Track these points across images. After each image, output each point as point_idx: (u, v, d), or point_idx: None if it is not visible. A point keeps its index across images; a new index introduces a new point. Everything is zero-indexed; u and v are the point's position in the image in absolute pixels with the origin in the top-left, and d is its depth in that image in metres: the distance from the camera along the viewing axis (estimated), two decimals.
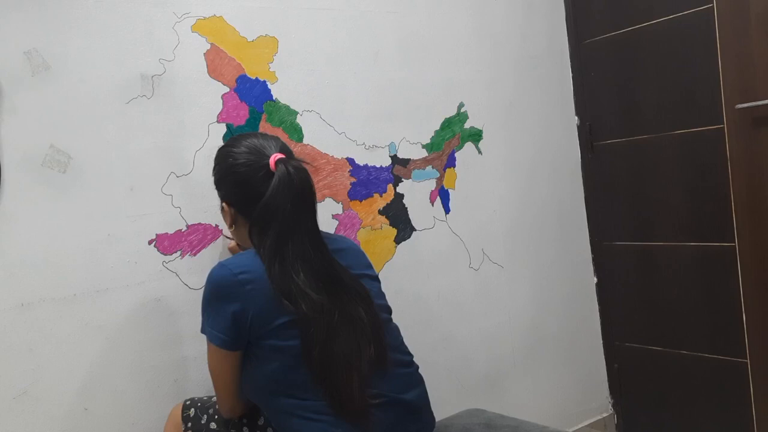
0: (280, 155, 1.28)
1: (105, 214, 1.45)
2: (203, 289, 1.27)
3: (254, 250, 1.26)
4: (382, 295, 1.41)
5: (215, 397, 1.42)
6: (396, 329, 1.38)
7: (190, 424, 1.38)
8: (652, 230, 2.21)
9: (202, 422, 1.38)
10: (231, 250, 1.58)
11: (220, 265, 1.26)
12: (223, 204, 1.37)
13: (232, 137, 1.41)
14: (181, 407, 1.42)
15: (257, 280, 1.21)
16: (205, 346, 1.28)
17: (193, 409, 1.40)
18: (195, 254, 1.56)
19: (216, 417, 1.38)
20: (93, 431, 1.43)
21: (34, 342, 1.37)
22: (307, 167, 1.30)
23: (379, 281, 1.43)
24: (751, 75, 1.87)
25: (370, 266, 1.45)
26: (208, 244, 1.58)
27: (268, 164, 1.27)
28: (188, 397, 1.47)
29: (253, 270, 1.22)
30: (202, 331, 1.27)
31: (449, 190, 2.02)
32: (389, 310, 1.40)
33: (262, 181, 1.26)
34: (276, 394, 1.24)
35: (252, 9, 1.66)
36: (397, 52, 1.91)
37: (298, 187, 1.25)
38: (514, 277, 2.16)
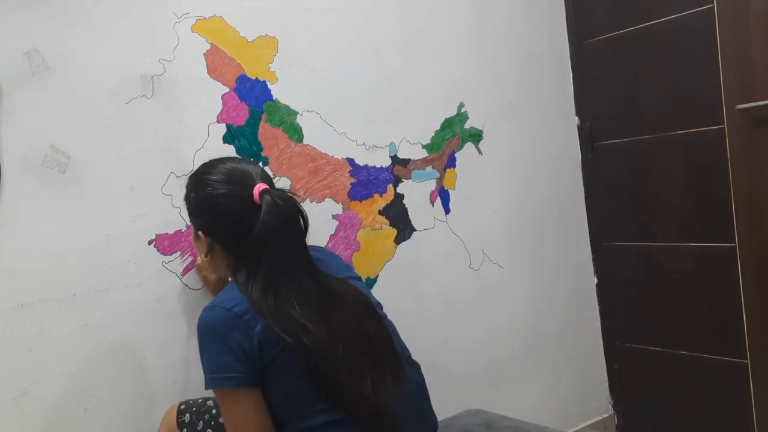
0: (263, 185, 1.22)
1: (105, 214, 1.45)
2: (198, 338, 1.18)
3: (236, 284, 1.20)
4: (369, 293, 1.37)
5: (211, 400, 1.40)
6: (392, 326, 1.35)
7: (185, 431, 1.36)
8: (653, 230, 2.21)
9: (198, 429, 1.35)
10: (198, 267, 1.53)
11: (210, 308, 1.19)
12: (199, 233, 1.28)
13: (205, 163, 1.32)
14: (175, 411, 1.39)
15: (251, 310, 1.15)
16: None
17: (188, 414, 1.37)
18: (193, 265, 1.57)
19: (212, 423, 1.36)
20: (93, 431, 1.43)
21: (34, 342, 1.37)
22: (294, 195, 1.25)
23: (361, 279, 1.40)
24: (751, 75, 1.86)
25: (349, 267, 1.42)
26: None
27: (251, 195, 1.21)
28: (183, 400, 1.44)
29: (244, 302, 1.16)
30: (208, 386, 1.17)
31: (449, 191, 2.01)
32: (380, 306, 1.36)
33: (245, 213, 1.20)
34: (293, 413, 1.18)
35: (252, 9, 1.66)
36: (398, 52, 1.91)
37: (288, 219, 1.21)
38: (515, 278, 2.16)
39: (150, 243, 1.51)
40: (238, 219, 1.21)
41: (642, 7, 2.13)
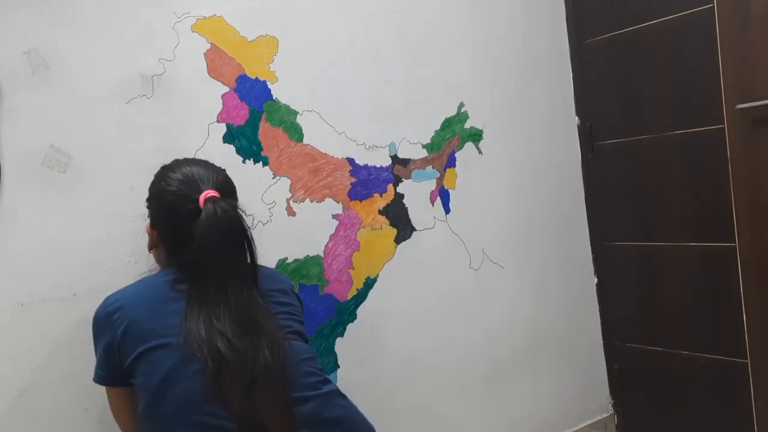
0: (212, 193, 1.22)
1: (105, 214, 1.45)
2: None
3: (158, 274, 1.29)
4: (294, 318, 1.31)
5: None
6: (299, 347, 1.27)
7: None
8: (653, 230, 2.21)
9: None
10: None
11: (105, 299, 1.27)
12: (148, 225, 1.35)
13: (177, 159, 1.36)
14: None
15: (125, 306, 1.22)
16: None
17: None
18: None
19: None
20: (93, 431, 1.43)
21: (34, 342, 1.37)
22: (239, 212, 1.24)
23: (294, 297, 1.38)
24: (751, 75, 1.86)
25: (282, 281, 1.40)
26: None
27: (197, 200, 1.22)
28: None
29: (125, 297, 1.24)
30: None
31: (449, 190, 2.01)
32: (300, 335, 1.30)
33: (186, 215, 1.22)
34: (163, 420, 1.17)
35: (252, 9, 1.66)
36: (397, 52, 1.91)
37: (225, 230, 1.19)
38: (515, 278, 2.16)
39: None
40: (179, 219, 1.23)
41: (642, 7, 2.13)
